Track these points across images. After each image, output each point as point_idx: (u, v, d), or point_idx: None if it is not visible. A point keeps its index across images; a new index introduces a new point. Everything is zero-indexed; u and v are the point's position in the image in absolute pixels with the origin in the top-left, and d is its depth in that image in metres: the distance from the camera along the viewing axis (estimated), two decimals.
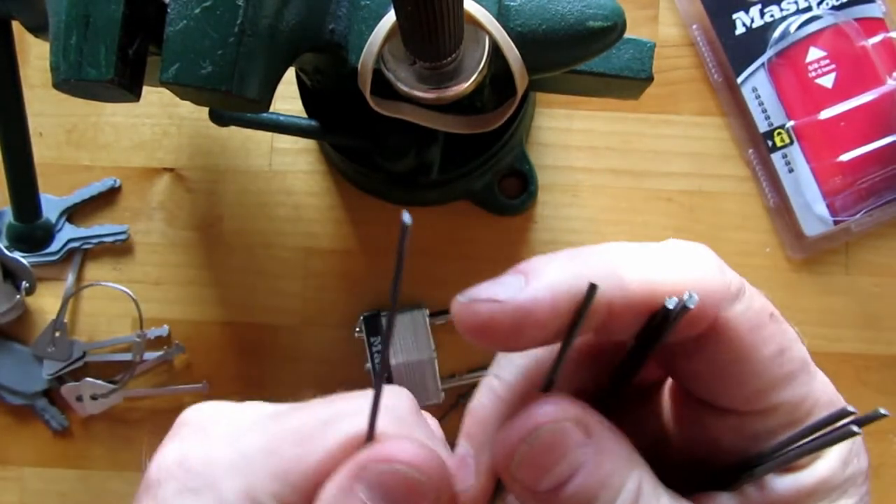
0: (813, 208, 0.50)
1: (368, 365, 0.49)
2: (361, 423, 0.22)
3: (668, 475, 0.23)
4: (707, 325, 0.22)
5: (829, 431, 0.21)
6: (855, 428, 0.19)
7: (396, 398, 0.24)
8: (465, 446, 0.24)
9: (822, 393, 0.23)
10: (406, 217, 0.18)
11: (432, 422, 0.27)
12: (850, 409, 0.20)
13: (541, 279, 0.21)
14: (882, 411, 0.19)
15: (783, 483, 0.22)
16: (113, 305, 0.52)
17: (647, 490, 0.22)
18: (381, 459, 0.22)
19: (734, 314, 0.22)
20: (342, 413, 0.23)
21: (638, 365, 0.23)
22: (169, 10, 0.32)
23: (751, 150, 0.51)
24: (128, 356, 0.51)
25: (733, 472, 0.23)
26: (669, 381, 0.26)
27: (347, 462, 0.22)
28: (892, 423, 0.24)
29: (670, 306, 0.20)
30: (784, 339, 0.22)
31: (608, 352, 0.25)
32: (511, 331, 0.21)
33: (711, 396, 0.23)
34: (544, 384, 0.22)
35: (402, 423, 0.23)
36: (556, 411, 0.21)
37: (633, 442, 0.23)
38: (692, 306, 0.20)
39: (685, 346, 0.23)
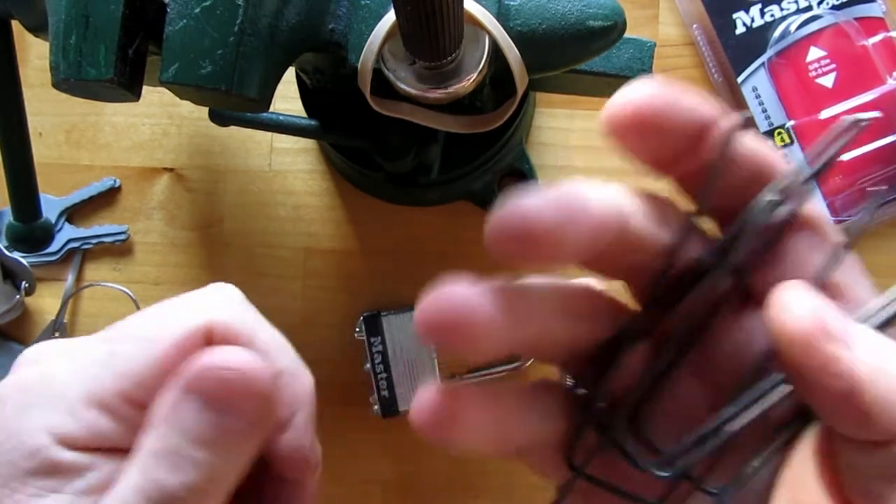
0: None
1: (368, 365, 0.49)
2: (200, 318, 0.23)
3: None
4: None
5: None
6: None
7: (226, 293, 0.25)
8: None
9: None
10: None
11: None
12: None
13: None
14: None
15: None
16: (113, 305, 0.52)
17: None
18: (211, 367, 0.22)
19: None
20: (180, 310, 0.24)
21: None
22: (169, 10, 0.32)
23: None
24: None
25: None
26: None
27: (181, 371, 0.22)
28: None
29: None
30: None
31: None
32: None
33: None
34: None
35: (236, 316, 0.24)
36: None
37: None
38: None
39: None
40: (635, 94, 0.20)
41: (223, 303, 0.25)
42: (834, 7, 0.51)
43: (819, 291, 0.20)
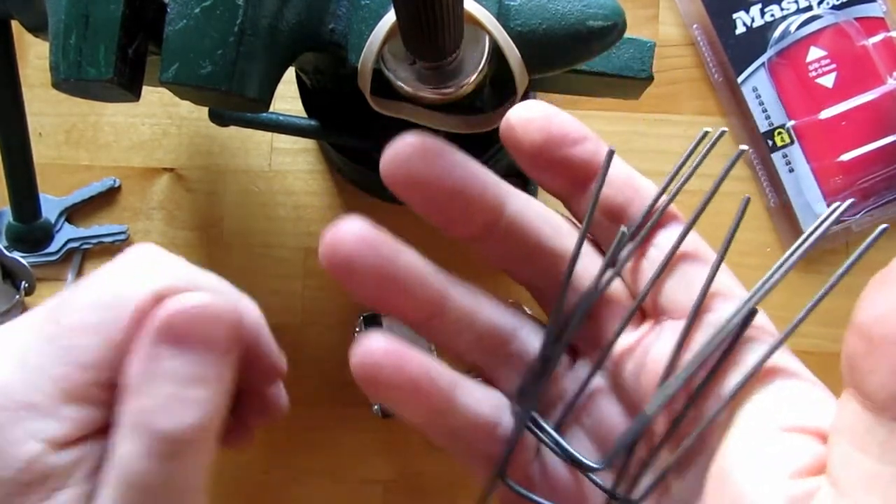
0: (813, 208, 0.50)
1: None
2: (146, 290, 0.23)
3: None
4: None
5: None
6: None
7: (151, 253, 0.25)
8: None
9: None
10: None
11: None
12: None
13: None
14: None
15: None
16: None
17: None
18: (174, 313, 0.22)
19: None
20: (123, 285, 0.24)
21: None
22: (169, 10, 0.32)
23: (751, 150, 0.51)
24: None
25: None
26: None
27: (143, 331, 0.23)
28: None
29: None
30: None
31: None
32: None
33: None
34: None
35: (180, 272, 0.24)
36: None
37: None
38: None
39: None
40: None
41: (158, 264, 0.25)
42: (834, 7, 0.51)
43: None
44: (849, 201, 0.21)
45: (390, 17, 0.34)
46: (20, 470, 0.21)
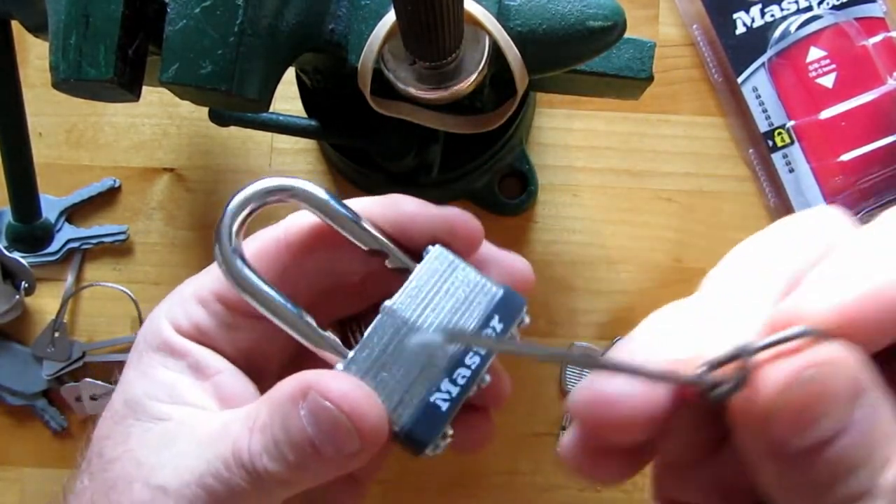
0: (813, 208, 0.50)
1: None
2: (273, 233, 0.30)
3: None
4: None
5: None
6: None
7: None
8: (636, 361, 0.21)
9: None
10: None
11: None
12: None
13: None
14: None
15: None
16: (113, 305, 0.52)
17: None
18: (320, 392, 0.25)
19: None
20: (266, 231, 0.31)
21: None
22: (169, 10, 0.32)
23: (751, 150, 0.51)
24: (127, 356, 0.51)
25: None
26: None
27: (299, 378, 0.26)
28: None
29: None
30: None
31: None
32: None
33: None
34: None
35: None
36: (836, 352, 0.18)
37: None
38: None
39: None
40: None
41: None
42: (834, 7, 0.51)
43: None
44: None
45: (390, 17, 0.34)
46: (153, 333, 0.30)
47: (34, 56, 0.53)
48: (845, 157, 0.50)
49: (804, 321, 0.18)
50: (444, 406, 0.26)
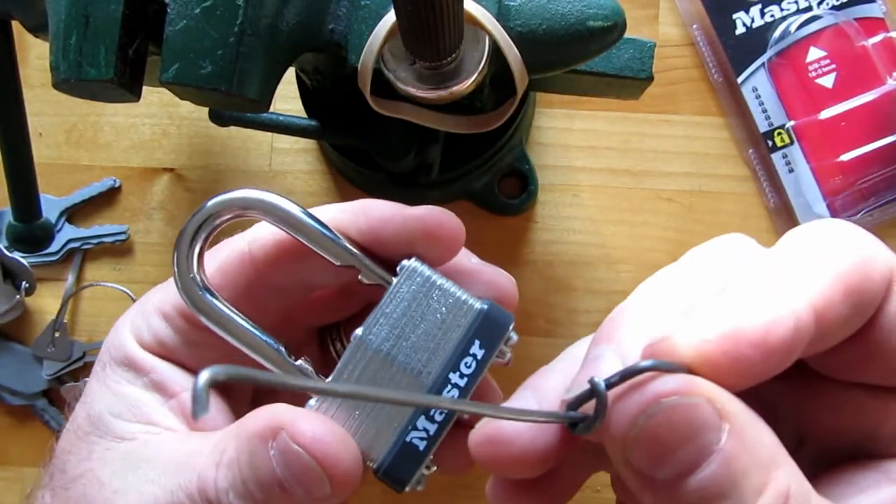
0: (813, 208, 0.50)
1: None
2: (240, 246, 0.28)
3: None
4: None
5: None
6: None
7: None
8: (528, 399, 0.22)
9: None
10: None
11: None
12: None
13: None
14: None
15: None
16: (113, 305, 0.52)
17: (796, 494, 0.18)
18: (291, 435, 0.24)
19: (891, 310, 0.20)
20: (231, 241, 0.29)
21: None
22: (169, 10, 0.32)
23: (751, 150, 0.51)
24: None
25: None
26: None
27: (270, 415, 0.24)
28: (594, 479, 0.25)
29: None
30: None
31: None
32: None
33: (853, 374, 0.21)
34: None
35: None
36: (685, 384, 0.18)
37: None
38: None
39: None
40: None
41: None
42: (834, 7, 0.51)
43: None
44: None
45: (390, 17, 0.34)
46: (116, 347, 0.28)
47: (34, 56, 0.53)
48: (845, 157, 0.50)
49: (669, 357, 0.18)
50: (422, 445, 0.25)
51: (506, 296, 0.27)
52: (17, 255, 0.49)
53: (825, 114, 0.50)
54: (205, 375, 0.15)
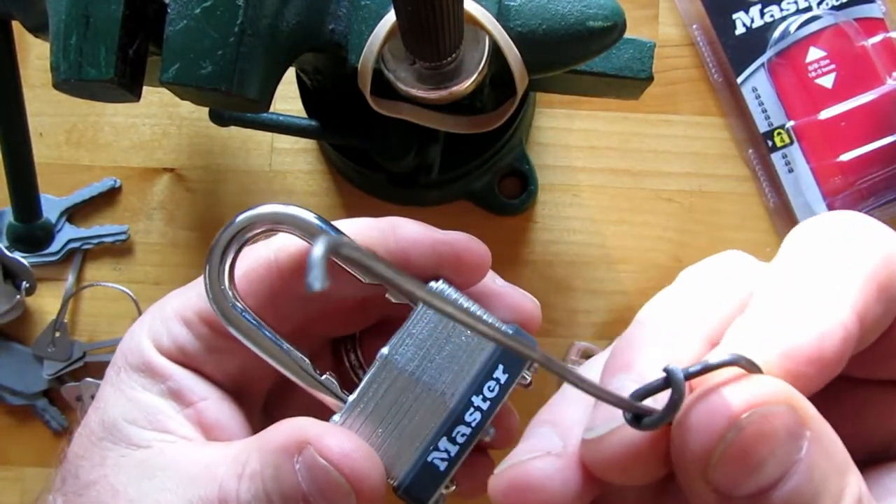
0: (813, 208, 0.50)
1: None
2: (265, 254, 0.27)
3: None
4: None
5: None
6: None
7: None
8: (549, 437, 0.22)
9: None
10: None
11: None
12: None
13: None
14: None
15: None
16: (113, 305, 0.52)
17: (866, 498, 0.18)
18: (319, 450, 0.23)
19: None
20: (254, 249, 0.28)
21: None
22: (169, 10, 0.32)
23: (751, 150, 0.51)
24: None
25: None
26: None
27: (295, 428, 0.24)
28: None
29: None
30: None
31: None
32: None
33: (877, 371, 0.21)
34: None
35: None
36: (771, 390, 0.17)
37: None
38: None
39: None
40: None
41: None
42: (834, 7, 0.51)
43: None
44: None
45: (390, 18, 0.34)
46: (133, 352, 0.27)
47: (34, 56, 0.53)
48: (845, 157, 0.50)
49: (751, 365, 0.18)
50: (443, 466, 0.25)
51: (530, 319, 0.27)
52: (17, 255, 0.49)
53: (825, 114, 0.50)
54: (324, 241, 0.14)
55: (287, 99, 0.47)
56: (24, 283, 0.50)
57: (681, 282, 0.22)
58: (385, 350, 0.26)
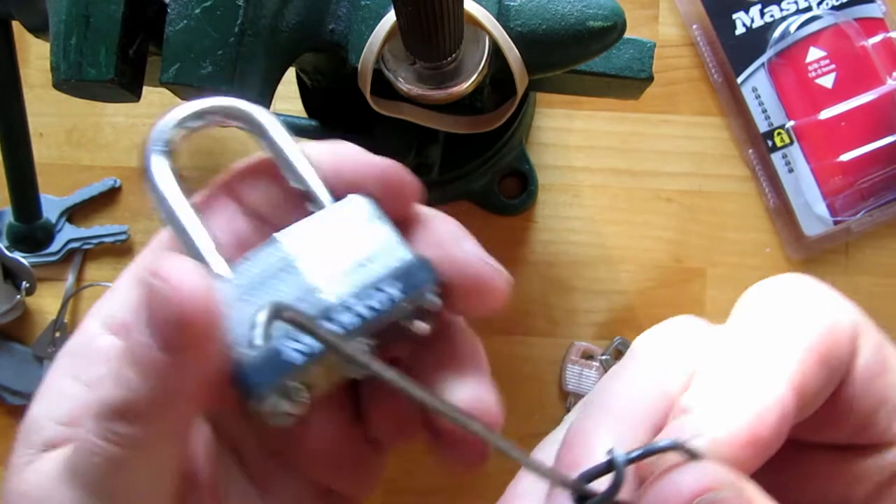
0: (813, 208, 0.50)
1: None
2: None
3: None
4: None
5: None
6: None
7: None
8: None
9: None
10: None
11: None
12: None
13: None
14: None
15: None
16: None
17: None
18: (151, 272, 0.19)
19: (858, 368, 0.20)
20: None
21: None
22: (169, 10, 0.33)
23: (751, 150, 0.51)
24: None
25: None
26: None
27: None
28: None
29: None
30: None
31: None
32: None
33: (820, 435, 0.21)
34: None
35: None
36: (715, 476, 0.18)
37: None
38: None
39: None
40: None
41: None
42: (834, 7, 0.51)
43: None
44: None
45: (390, 18, 0.34)
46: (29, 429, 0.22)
47: (34, 56, 0.53)
48: (845, 157, 0.50)
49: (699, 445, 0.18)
50: (296, 357, 0.20)
51: (493, 290, 0.23)
52: (17, 255, 0.49)
53: (825, 114, 0.50)
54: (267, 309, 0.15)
55: (287, 99, 0.47)
56: (24, 283, 0.50)
57: (631, 359, 0.22)
58: (278, 233, 0.23)
